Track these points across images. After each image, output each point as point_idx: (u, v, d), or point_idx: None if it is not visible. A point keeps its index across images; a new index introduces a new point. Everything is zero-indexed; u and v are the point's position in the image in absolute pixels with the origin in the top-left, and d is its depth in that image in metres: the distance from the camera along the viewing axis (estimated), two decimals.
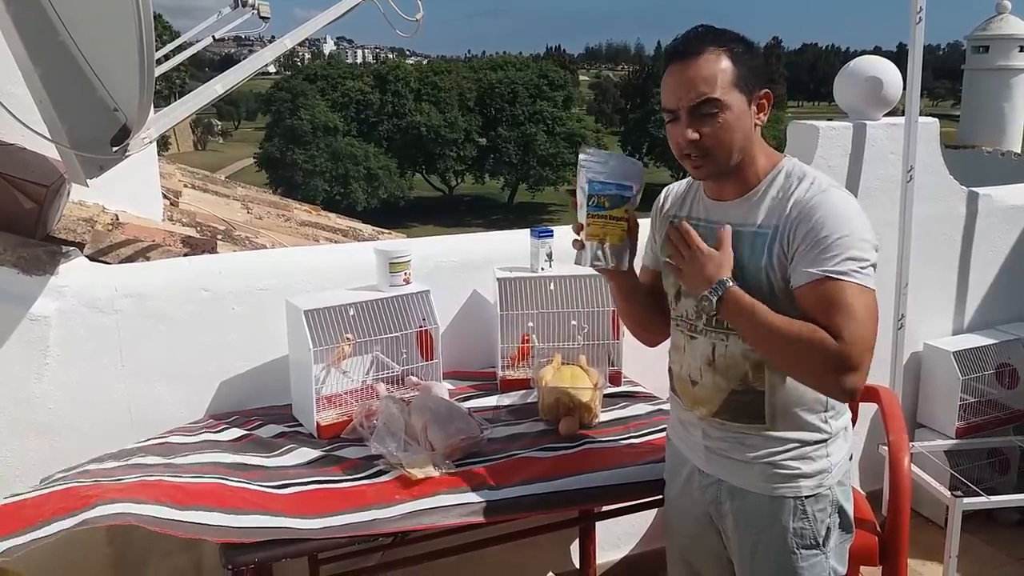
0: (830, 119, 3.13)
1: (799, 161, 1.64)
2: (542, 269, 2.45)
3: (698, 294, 1.58)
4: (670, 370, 1.80)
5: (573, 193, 1.78)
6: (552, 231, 2.51)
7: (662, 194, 1.84)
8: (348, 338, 2.16)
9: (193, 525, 1.66)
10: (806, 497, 1.63)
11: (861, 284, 1.48)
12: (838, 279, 1.47)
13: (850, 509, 1.69)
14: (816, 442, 1.63)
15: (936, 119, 3.23)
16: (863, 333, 1.46)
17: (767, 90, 1.58)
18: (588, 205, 1.69)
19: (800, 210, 1.53)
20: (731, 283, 1.55)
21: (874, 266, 1.50)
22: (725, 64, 1.52)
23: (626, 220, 1.69)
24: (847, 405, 1.69)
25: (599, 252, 1.69)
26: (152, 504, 1.69)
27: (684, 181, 1.80)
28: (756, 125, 1.59)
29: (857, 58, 3.14)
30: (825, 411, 1.63)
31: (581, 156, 1.74)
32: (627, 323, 1.92)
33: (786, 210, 1.54)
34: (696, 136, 1.54)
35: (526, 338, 2.47)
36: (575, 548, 2.74)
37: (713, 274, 1.56)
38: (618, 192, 1.68)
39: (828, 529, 1.65)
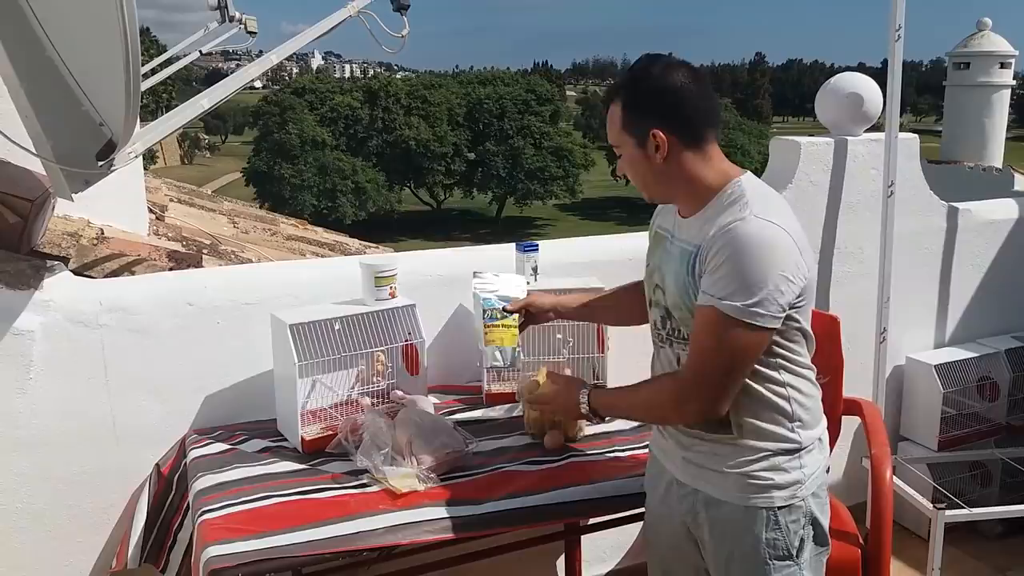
0: (811, 135, 3.17)
1: (752, 180, 1.63)
2: (528, 283, 2.46)
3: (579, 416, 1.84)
4: (651, 372, 1.83)
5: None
6: (537, 245, 2.53)
7: (658, 206, 1.86)
8: (380, 357, 2.21)
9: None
10: (779, 508, 1.63)
11: (731, 316, 1.49)
12: (707, 305, 1.53)
13: (826, 522, 1.69)
14: (787, 452, 1.63)
15: (916, 135, 3.28)
16: (702, 367, 1.57)
17: (658, 130, 1.58)
18: (484, 318, 2.09)
19: (716, 235, 1.53)
20: (585, 397, 1.80)
21: (762, 310, 1.48)
22: (617, 110, 1.64)
23: (515, 325, 2.08)
24: (820, 416, 1.70)
25: (496, 354, 2.08)
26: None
27: None
28: (661, 162, 1.60)
29: (838, 75, 3.18)
30: (791, 421, 1.64)
31: (474, 281, 2.19)
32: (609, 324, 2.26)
33: (710, 232, 1.55)
34: (621, 172, 1.74)
35: None
36: (561, 562, 2.74)
37: (572, 400, 1.82)
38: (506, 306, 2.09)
39: (802, 540, 1.65)
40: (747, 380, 1.60)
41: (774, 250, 1.50)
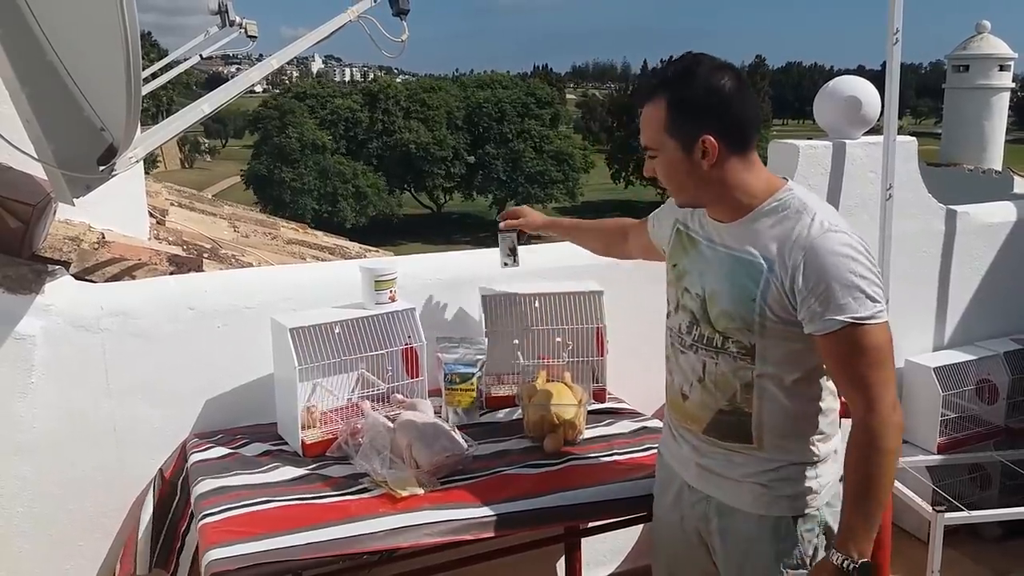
0: (811, 138, 3.17)
1: (801, 188, 1.61)
2: (505, 265, 2.42)
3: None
4: (666, 379, 1.82)
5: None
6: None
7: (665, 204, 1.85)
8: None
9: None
10: (794, 518, 1.63)
11: (866, 325, 1.47)
12: (837, 329, 1.47)
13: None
14: (805, 463, 1.64)
15: (914, 138, 3.28)
16: (873, 389, 1.49)
17: (709, 135, 1.53)
18: (444, 381, 2.30)
19: (797, 252, 1.50)
20: (855, 559, 1.50)
21: (879, 304, 1.49)
22: (660, 111, 1.56)
23: (473, 388, 2.30)
24: (837, 428, 1.70)
25: (455, 413, 2.31)
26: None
27: None
28: (708, 168, 1.56)
29: (836, 78, 3.19)
30: (815, 435, 1.64)
31: (438, 344, 2.37)
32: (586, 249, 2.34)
33: (788, 246, 1.52)
34: (651, 173, 1.65)
35: None
36: (560, 565, 2.74)
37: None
38: (466, 370, 2.29)
39: (815, 550, 1.65)
40: (784, 396, 1.59)
41: (859, 253, 1.50)
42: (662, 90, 1.56)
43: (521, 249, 2.43)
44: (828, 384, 1.64)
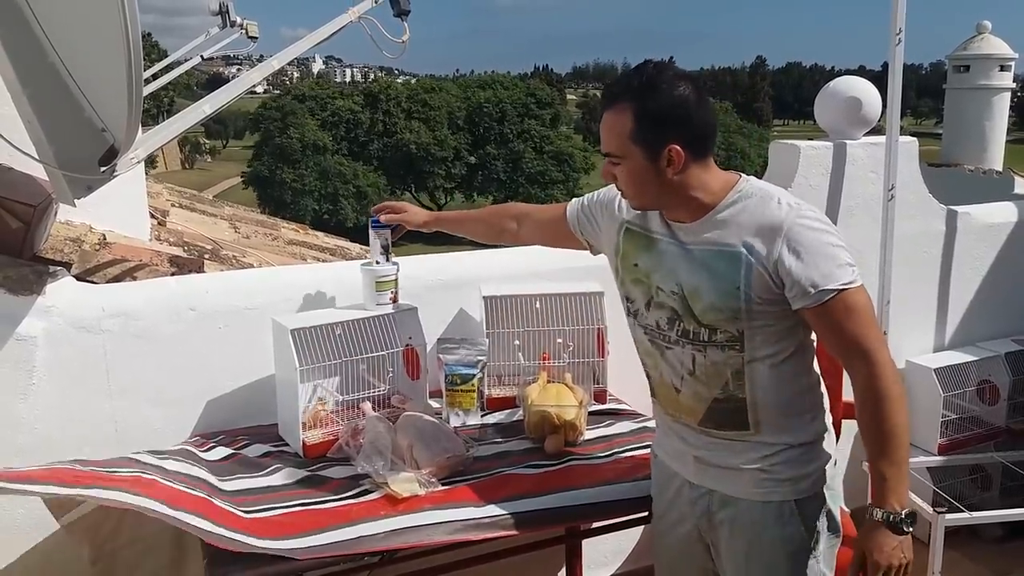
0: (811, 138, 3.17)
1: (754, 179, 1.67)
2: (377, 263, 2.27)
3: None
4: (648, 375, 1.83)
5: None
6: (384, 224, 2.26)
7: (618, 197, 1.82)
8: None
9: (184, 523, 1.66)
10: (796, 501, 1.66)
11: (849, 290, 1.53)
12: (825, 300, 1.53)
13: (837, 513, 1.72)
14: (802, 444, 1.67)
15: (916, 138, 3.28)
16: (871, 347, 1.55)
17: (675, 145, 1.57)
18: (444, 382, 2.31)
19: (775, 235, 1.56)
20: (890, 514, 1.53)
21: (854, 268, 1.56)
22: (627, 118, 1.58)
23: (474, 389, 2.31)
24: (825, 406, 1.73)
25: (456, 414, 2.32)
26: (146, 498, 1.69)
27: None
28: (671, 175, 1.59)
29: (837, 78, 3.19)
30: (808, 411, 1.68)
31: (437, 345, 2.41)
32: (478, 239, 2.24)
33: (764, 229, 1.57)
34: (611, 178, 1.68)
35: None
36: (562, 566, 2.74)
37: (890, 539, 1.54)
38: (467, 371, 2.30)
39: (818, 533, 1.68)
40: (770, 372, 1.63)
41: (828, 225, 1.58)
42: (628, 98, 1.59)
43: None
44: (810, 357, 1.70)
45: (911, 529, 1.54)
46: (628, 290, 1.80)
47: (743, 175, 1.67)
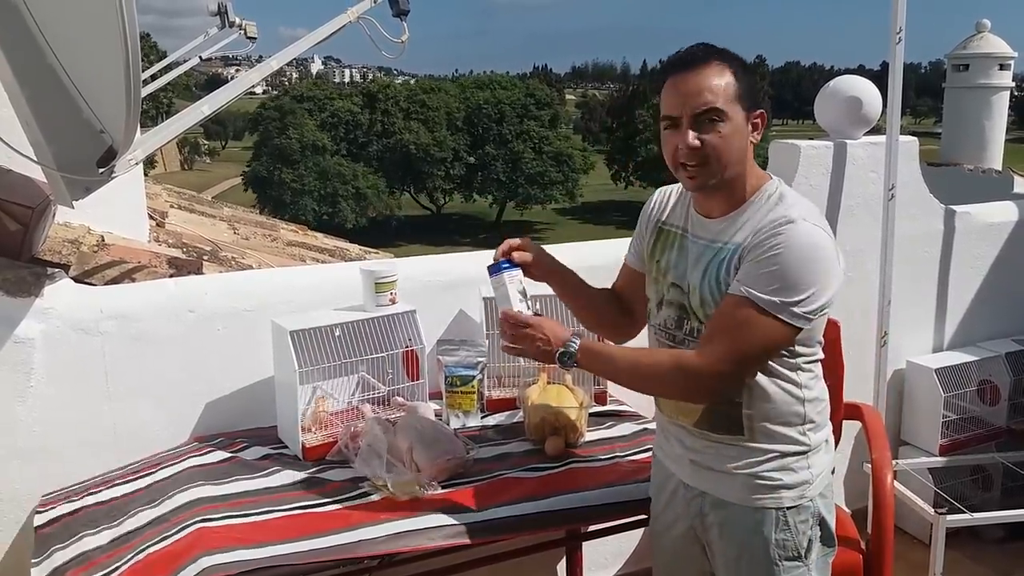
0: (811, 138, 3.17)
1: (783, 183, 1.66)
2: (517, 308, 1.76)
3: (554, 360, 1.67)
4: None
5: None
6: (509, 263, 1.81)
7: (654, 196, 1.84)
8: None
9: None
10: (788, 508, 1.64)
11: (767, 308, 1.50)
12: (742, 295, 1.52)
13: (832, 523, 1.71)
14: (796, 453, 1.65)
15: (916, 138, 3.28)
16: (725, 352, 1.53)
17: (762, 111, 1.61)
18: (444, 384, 2.31)
19: (764, 230, 1.54)
20: (577, 341, 1.65)
21: (799, 309, 1.50)
22: (729, 78, 1.55)
23: (474, 391, 2.30)
24: (828, 418, 1.71)
25: (456, 415, 2.31)
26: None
27: (676, 188, 1.80)
28: (751, 143, 1.62)
29: (837, 78, 3.19)
30: (803, 424, 1.65)
31: (437, 350, 2.42)
32: (582, 320, 1.99)
33: (753, 229, 1.57)
34: (697, 143, 1.56)
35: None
36: (562, 569, 2.73)
37: (557, 336, 1.66)
38: (467, 373, 2.30)
39: (810, 541, 1.66)
40: (767, 382, 1.61)
41: (823, 256, 1.52)
42: (723, 59, 1.56)
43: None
44: (817, 371, 1.67)
45: (569, 363, 1.65)
46: (648, 291, 1.80)
47: (775, 177, 1.67)
